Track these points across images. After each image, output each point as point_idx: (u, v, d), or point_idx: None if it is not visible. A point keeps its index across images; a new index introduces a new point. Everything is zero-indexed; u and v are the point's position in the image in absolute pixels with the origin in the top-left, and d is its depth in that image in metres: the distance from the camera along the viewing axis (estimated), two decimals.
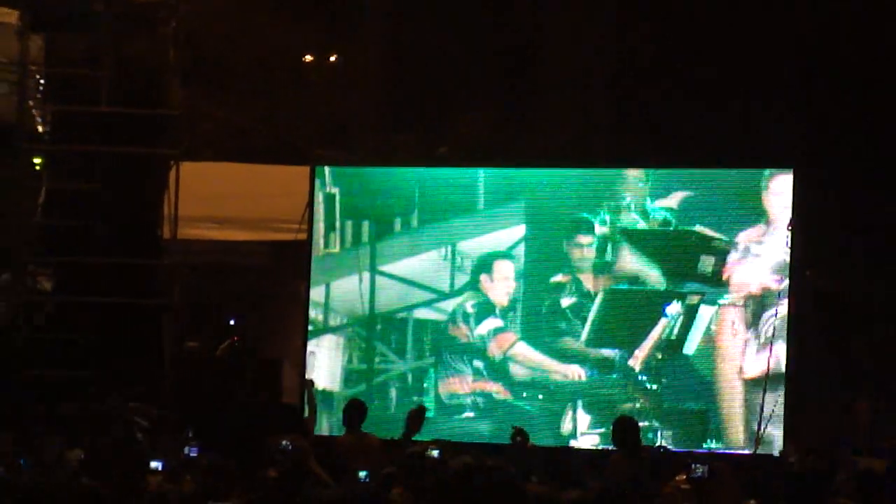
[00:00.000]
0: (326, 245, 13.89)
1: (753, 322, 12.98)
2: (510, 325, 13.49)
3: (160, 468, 9.70)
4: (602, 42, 14.82)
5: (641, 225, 13.27)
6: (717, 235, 13.08)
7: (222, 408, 12.85)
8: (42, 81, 14.02)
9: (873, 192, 14.83)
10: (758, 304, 12.99)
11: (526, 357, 13.41)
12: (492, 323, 13.53)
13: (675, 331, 13.06)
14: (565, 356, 13.31)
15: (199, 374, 13.70)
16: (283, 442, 9.37)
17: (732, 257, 13.03)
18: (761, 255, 13.01)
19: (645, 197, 13.31)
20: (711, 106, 14.26)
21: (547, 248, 13.50)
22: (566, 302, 13.37)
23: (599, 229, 13.34)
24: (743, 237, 13.07)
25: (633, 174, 13.39)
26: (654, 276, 13.20)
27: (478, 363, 13.51)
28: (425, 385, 13.61)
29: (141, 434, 11.52)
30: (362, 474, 10.60)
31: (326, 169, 14.04)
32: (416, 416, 10.97)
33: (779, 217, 13.03)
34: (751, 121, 14.21)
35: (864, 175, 14.82)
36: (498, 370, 13.47)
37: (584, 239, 13.37)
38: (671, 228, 13.21)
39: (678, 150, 13.68)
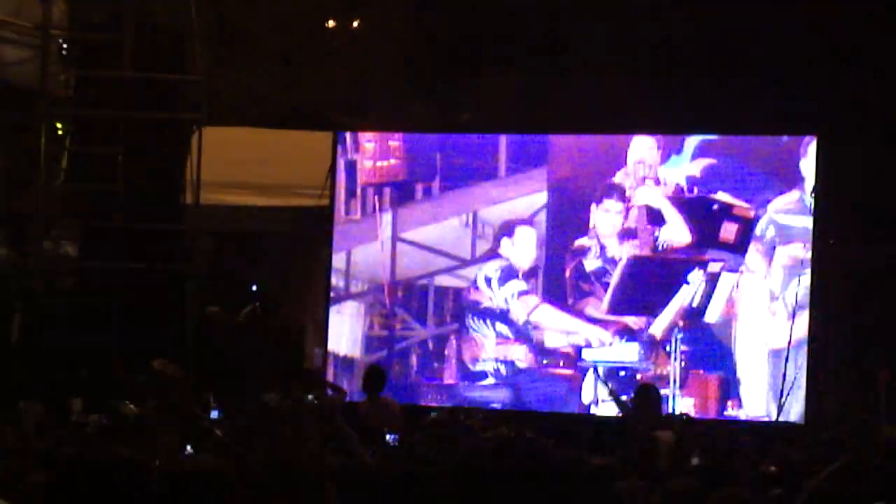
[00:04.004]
0: (347, 211, 13.91)
1: (775, 290, 12.94)
2: (532, 288, 13.48)
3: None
4: (629, 8, 14.70)
5: (663, 192, 13.23)
6: (739, 203, 13.03)
7: (243, 373, 12.89)
8: (65, 46, 14.00)
9: None
10: (780, 272, 12.95)
11: (548, 321, 13.39)
12: (514, 286, 13.52)
13: (697, 298, 13.04)
14: (587, 322, 13.30)
15: (220, 339, 13.74)
16: (309, 396, 9.46)
17: (755, 225, 12.99)
18: (784, 223, 12.96)
19: (667, 164, 13.27)
20: (736, 72, 14.13)
21: (569, 215, 13.48)
22: (588, 268, 13.35)
23: (621, 196, 13.31)
24: (766, 205, 13.02)
25: (655, 141, 13.35)
26: (675, 243, 13.16)
27: (501, 326, 13.51)
28: (446, 352, 13.62)
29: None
30: (390, 437, 10.68)
31: (348, 135, 14.06)
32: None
33: (802, 185, 12.98)
34: (774, 86, 14.08)
35: (891, 142, 14.68)
36: (520, 334, 13.46)
37: (607, 205, 13.33)
38: (694, 195, 13.17)
39: (702, 116, 13.58)
